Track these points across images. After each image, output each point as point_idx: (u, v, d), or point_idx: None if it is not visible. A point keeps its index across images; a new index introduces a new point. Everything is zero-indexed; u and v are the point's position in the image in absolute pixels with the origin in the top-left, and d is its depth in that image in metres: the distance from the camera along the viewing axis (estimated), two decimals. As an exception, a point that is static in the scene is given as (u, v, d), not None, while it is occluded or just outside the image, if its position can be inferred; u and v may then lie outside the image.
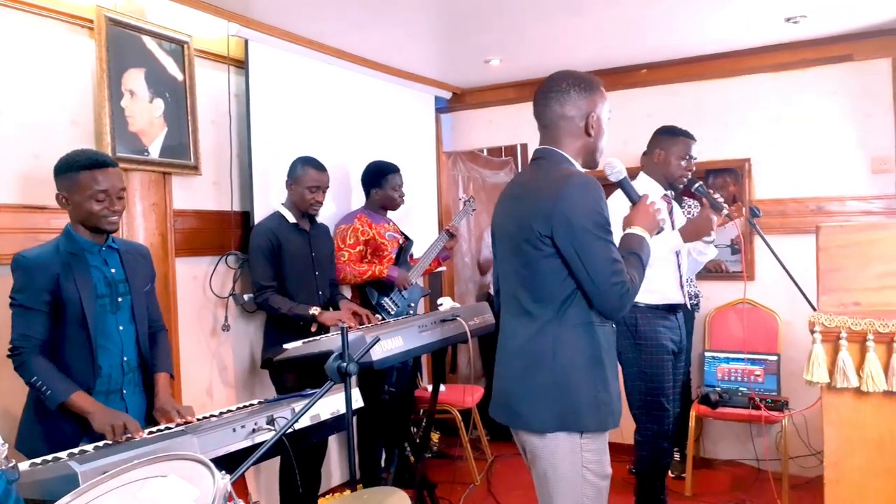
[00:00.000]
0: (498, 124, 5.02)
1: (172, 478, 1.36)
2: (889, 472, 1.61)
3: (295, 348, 2.84)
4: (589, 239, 1.82)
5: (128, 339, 2.33)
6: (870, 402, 1.64)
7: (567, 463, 1.90)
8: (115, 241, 2.37)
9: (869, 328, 1.60)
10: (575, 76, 2.01)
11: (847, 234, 1.69)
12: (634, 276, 1.87)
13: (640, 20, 3.60)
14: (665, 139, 3.11)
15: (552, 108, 1.98)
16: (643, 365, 3.06)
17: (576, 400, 1.87)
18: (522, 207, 1.95)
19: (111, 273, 2.30)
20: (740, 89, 4.28)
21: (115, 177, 2.23)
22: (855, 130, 4.00)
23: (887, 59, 3.91)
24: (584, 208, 1.83)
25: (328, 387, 1.93)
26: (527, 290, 1.95)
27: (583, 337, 1.90)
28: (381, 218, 3.83)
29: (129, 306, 2.33)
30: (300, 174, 3.28)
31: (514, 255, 1.98)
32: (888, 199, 3.93)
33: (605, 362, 1.92)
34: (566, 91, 1.97)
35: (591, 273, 1.82)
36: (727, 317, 4.31)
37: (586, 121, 1.98)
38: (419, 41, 3.91)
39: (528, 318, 1.95)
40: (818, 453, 3.95)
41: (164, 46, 3.09)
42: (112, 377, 2.28)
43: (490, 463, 4.40)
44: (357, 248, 3.70)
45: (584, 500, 1.91)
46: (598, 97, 2.00)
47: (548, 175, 1.94)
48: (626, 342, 3.06)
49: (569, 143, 2.00)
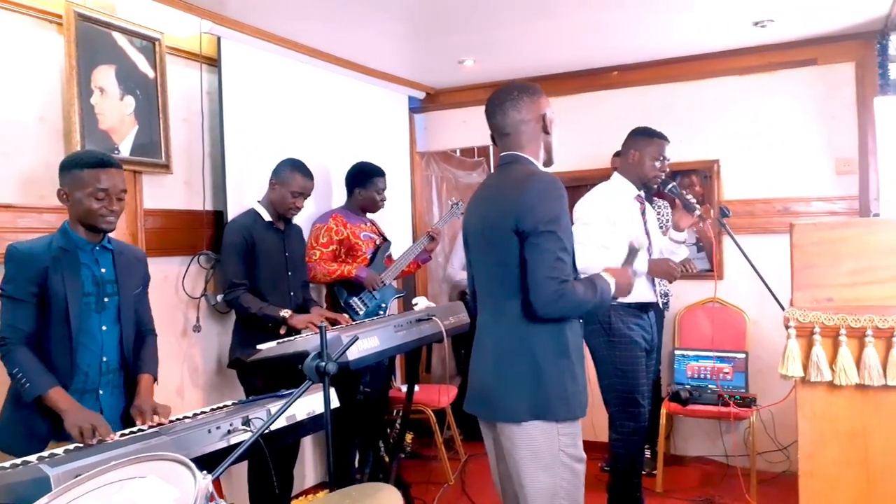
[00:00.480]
0: (471, 125, 5.03)
1: (152, 478, 1.34)
2: (861, 464, 1.67)
3: (269, 349, 2.82)
4: (539, 233, 1.91)
5: (110, 340, 2.30)
6: (842, 396, 1.70)
7: (545, 448, 1.98)
8: (111, 241, 2.36)
9: (841, 323, 1.65)
10: (520, 85, 2.15)
11: (820, 231, 1.74)
12: (580, 289, 1.95)
13: (612, 23, 3.64)
14: (640, 140, 3.16)
15: (511, 116, 2.09)
16: (618, 362, 3.09)
17: (547, 391, 1.96)
18: (492, 206, 2.05)
19: (101, 272, 2.28)
20: (709, 92, 4.35)
21: (118, 177, 2.25)
22: (820, 133, 4.10)
23: (850, 63, 4.01)
24: (542, 204, 1.93)
25: (306, 386, 1.92)
26: (499, 287, 2.03)
27: (552, 331, 1.98)
28: (358, 218, 3.82)
29: (116, 307, 2.31)
30: (287, 177, 3.23)
31: (487, 253, 2.07)
32: (851, 199, 4.03)
33: (573, 355, 2.01)
34: (519, 98, 2.10)
35: (533, 263, 1.91)
36: (696, 315, 4.38)
37: (543, 121, 2.11)
38: (393, 41, 3.91)
39: (502, 314, 2.04)
40: (785, 448, 4.05)
41: (135, 43, 3.05)
42: (89, 376, 2.25)
43: (464, 462, 4.42)
44: (330, 248, 3.68)
45: (561, 482, 1.98)
46: (544, 99, 2.14)
47: (515, 175, 2.05)
48: (600, 340, 3.09)
49: (532, 146, 2.12)
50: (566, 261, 1.94)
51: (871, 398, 1.69)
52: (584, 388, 2.06)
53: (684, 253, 3.27)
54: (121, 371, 2.34)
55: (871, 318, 1.64)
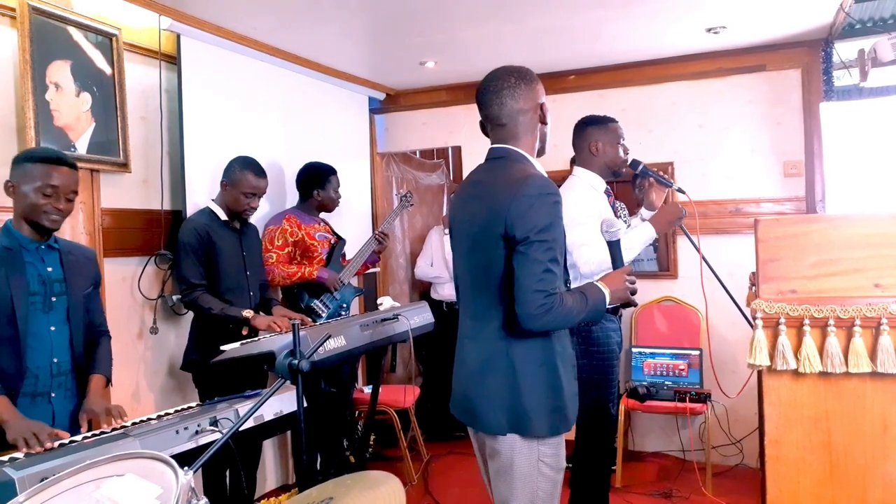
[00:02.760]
0: (431, 126, 5.06)
1: (130, 476, 1.32)
2: (824, 447, 1.74)
3: (233, 349, 2.78)
4: (529, 242, 1.79)
5: (59, 341, 2.25)
6: (806, 383, 1.77)
7: (524, 458, 1.92)
8: (58, 241, 2.30)
9: (805, 314, 1.72)
10: (517, 70, 2.02)
11: (783, 226, 1.81)
12: (569, 301, 1.83)
13: (570, 27, 3.71)
14: (596, 130, 3.04)
15: (508, 105, 1.96)
16: (593, 372, 2.98)
17: (527, 406, 1.88)
18: (482, 208, 1.92)
19: (47, 272, 2.22)
20: (663, 96, 4.47)
21: (69, 177, 2.20)
22: (769, 136, 4.25)
23: (797, 69, 4.17)
24: (534, 212, 1.81)
25: (279, 384, 1.90)
26: (484, 291, 1.94)
27: (536, 342, 1.89)
28: (311, 218, 3.77)
29: (65, 307, 2.25)
30: (238, 178, 3.15)
31: (473, 255, 1.97)
32: (798, 201, 4.19)
33: (559, 367, 1.92)
34: (516, 86, 1.97)
35: (520, 274, 1.79)
36: (652, 314, 4.48)
37: (541, 110, 2.01)
38: (354, 41, 3.91)
39: (485, 320, 1.94)
40: (738, 442, 4.18)
41: (92, 38, 2.98)
42: (39, 379, 2.19)
43: (426, 462, 4.42)
44: (285, 250, 3.63)
45: (538, 492, 1.93)
46: (540, 86, 2.04)
47: (508, 175, 1.91)
48: (577, 350, 2.92)
49: (527, 138, 2.00)
50: (556, 272, 1.81)
51: (833, 385, 1.77)
52: (571, 400, 1.97)
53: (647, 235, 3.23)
54: (73, 373, 2.29)
55: (833, 308, 1.72)
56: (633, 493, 3.91)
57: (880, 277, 1.75)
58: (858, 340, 1.74)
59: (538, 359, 1.89)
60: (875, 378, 1.76)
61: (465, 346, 2.03)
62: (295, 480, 3.96)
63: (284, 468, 4.10)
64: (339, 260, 3.85)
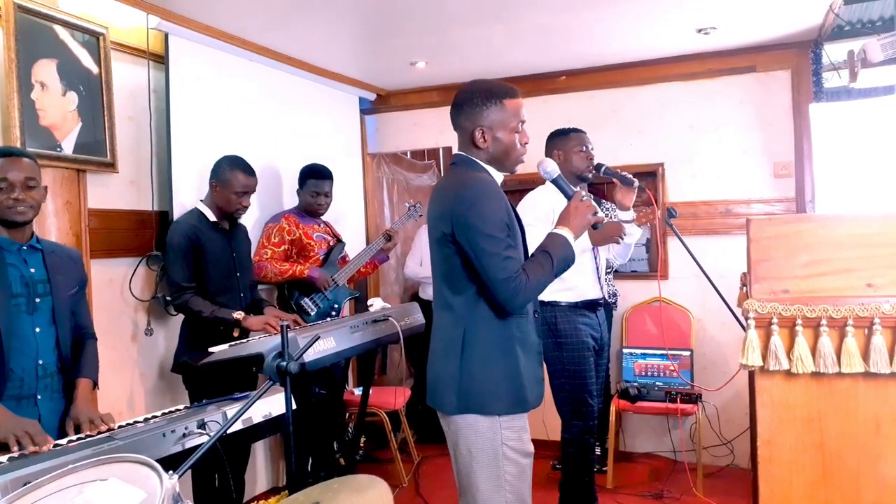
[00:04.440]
0: (422, 127, 5.04)
1: (113, 481, 1.29)
2: (817, 448, 1.74)
3: (222, 351, 2.76)
4: (479, 237, 1.94)
5: (45, 343, 2.21)
6: (798, 383, 1.76)
7: (486, 441, 2.01)
8: (41, 241, 2.26)
9: (797, 314, 1.72)
10: (476, 88, 2.11)
11: (775, 226, 1.81)
12: (534, 272, 1.97)
13: (562, 27, 3.70)
14: (558, 141, 3.26)
15: (455, 118, 2.13)
16: (566, 363, 3.13)
17: (480, 386, 2.00)
18: (435, 208, 2.10)
19: (30, 272, 2.19)
20: (654, 97, 4.47)
21: (21, 167, 2.15)
22: (759, 137, 4.26)
23: (786, 70, 4.18)
24: (475, 207, 1.96)
25: (268, 386, 1.88)
26: (446, 283, 2.09)
27: (493, 328, 2.02)
28: (311, 219, 3.78)
29: (50, 308, 2.22)
30: (228, 177, 3.12)
31: (434, 251, 2.13)
32: (788, 202, 4.20)
33: (518, 351, 2.04)
34: (462, 104, 2.10)
35: (483, 268, 1.95)
36: (643, 314, 4.48)
37: (474, 134, 2.08)
38: (344, 41, 3.89)
39: (448, 309, 2.09)
40: (729, 442, 4.18)
41: (78, 37, 2.94)
42: (25, 381, 2.15)
43: (417, 464, 4.40)
44: (282, 248, 3.64)
45: (505, 476, 2.00)
46: (494, 110, 2.07)
47: (454, 179, 2.09)
48: (548, 341, 3.10)
49: (473, 151, 2.11)
50: (514, 256, 1.97)
51: (826, 385, 1.76)
52: (533, 382, 2.08)
53: (638, 232, 3.31)
54: (59, 375, 2.25)
55: (826, 308, 1.72)
56: (624, 494, 3.90)
57: (872, 277, 1.75)
58: (851, 340, 1.73)
59: (493, 343, 2.02)
60: (868, 378, 1.76)
61: (434, 333, 2.17)
62: (285, 483, 3.93)
63: (275, 470, 4.07)
64: (337, 262, 3.83)
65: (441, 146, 5.49)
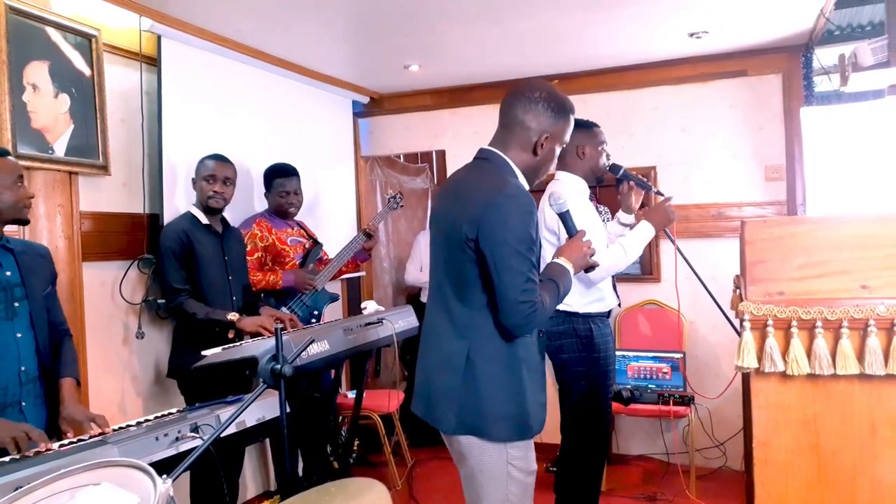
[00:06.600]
0: (415, 130, 5.04)
1: (106, 486, 1.28)
2: (812, 450, 1.74)
3: (215, 354, 2.73)
4: (508, 252, 1.81)
5: (26, 348, 2.17)
6: (794, 385, 1.77)
7: (493, 461, 1.92)
8: (11, 241, 2.21)
9: (793, 315, 1.72)
10: (552, 92, 1.99)
11: (770, 228, 1.81)
12: (546, 299, 1.87)
13: (555, 32, 3.71)
14: (582, 134, 2.97)
15: (515, 111, 1.96)
16: (594, 379, 2.95)
17: (483, 409, 1.89)
18: (456, 207, 1.94)
19: (6, 276, 2.14)
20: (646, 100, 4.48)
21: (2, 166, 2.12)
22: (750, 141, 4.28)
23: (777, 74, 4.20)
24: (510, 220, 1.82)
25: (261, 389, 1.87)
26: (452, 287, 1.95)
27: (500, 346, 1.90)
28: (283, 222, 3.67)
29: (28, 312, 2.18)
30: (199, 167, 3.16)
31: (445, 251, 1.99)
32: (779, 205, 4.22)
33: (523, 372, 1.92)
34: (536, 102, 1.95)
35: (503, 285, 1.81)
36: (636, 317, 4.49)
37: (538, 138, 1.96)
38: (338, 44, 3.88)
39: (451, 316, 1.95)
40: (722, 445, 4.19)
41: (71, 39, 2.93)
42: (8, 389, 2.11)
43: (410, 467, 4.39)
44: (255, 255, 3.51)
45: (509, 496, 1.94)
46: (562, 124, 1.98)
47: (485, 180, 1.93)
48: (579, 356, 2.94)
49: (516, 153, 1.98)
50: (535, 280, 1.85)
51: (821, 387, 1.76)
52: (537, 407, 1.97)
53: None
54: (41, 379, 2.21)
55: (821, 310, 1.72)
56: (617, 497, 3.91)
57: (867, 279, 1.75)
58: (846, 342, 1.74)
59: (499, 362, 1.90)
60: (863, 380, 1.76)
61: (429, 340, 2.04)
62: (276, 487, 3.91)
63: (264, 475, 4.04)
64: (315, 265, 3.70)
65: (434, 149, 5.48)
